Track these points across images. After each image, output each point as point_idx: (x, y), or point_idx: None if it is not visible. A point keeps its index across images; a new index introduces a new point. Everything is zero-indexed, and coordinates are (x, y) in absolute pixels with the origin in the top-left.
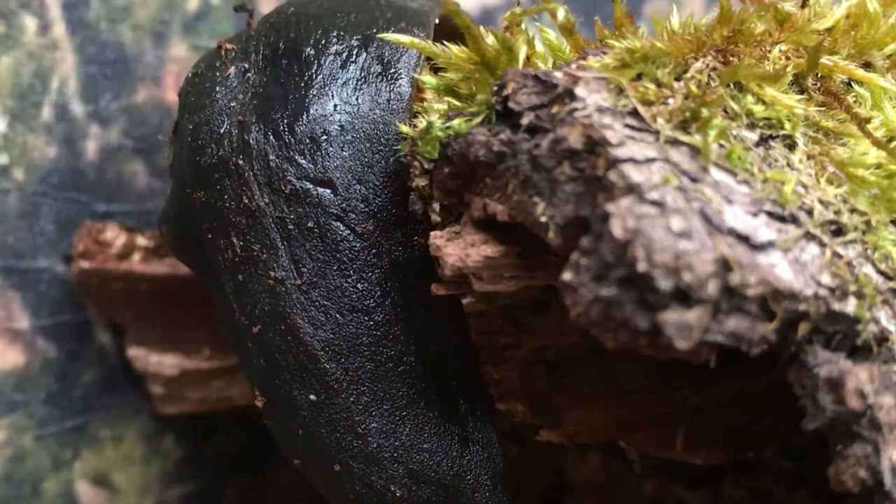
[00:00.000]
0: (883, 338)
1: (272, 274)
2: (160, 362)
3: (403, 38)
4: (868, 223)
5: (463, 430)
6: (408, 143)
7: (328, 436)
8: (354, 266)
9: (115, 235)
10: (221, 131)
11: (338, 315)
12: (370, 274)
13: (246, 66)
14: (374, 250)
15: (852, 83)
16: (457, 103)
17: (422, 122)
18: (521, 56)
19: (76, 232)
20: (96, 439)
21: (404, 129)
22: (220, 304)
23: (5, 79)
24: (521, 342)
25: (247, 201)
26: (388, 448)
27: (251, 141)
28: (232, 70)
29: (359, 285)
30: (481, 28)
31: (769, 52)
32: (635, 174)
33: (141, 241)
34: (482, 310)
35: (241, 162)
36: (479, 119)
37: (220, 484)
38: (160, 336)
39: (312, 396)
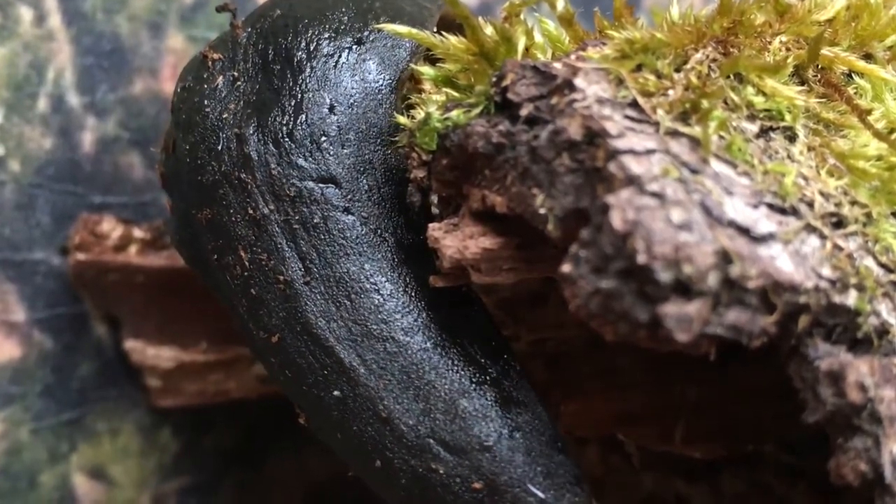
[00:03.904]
0: (884, 330)
1: (281, 278)
2: (157, 355)
3: (401, 29)
4: (869, 215)
5: (500, 391)
6: (405, 135)
7: (360, 432)
8: (361, 249)
9: (111, 227)
10: (219, 147)
11: (347, 301)
12: (377, 253)
13: (235, 74)
14: (379, 231)
15: (853, 75)
16: (455, 94)
17: (420, 114)
18: (520, 47)
19: (72, 224)
20: (93, 432)
21: (402, 119)
22: (238, 327)
23: (1, 70)
24: (520, 335)
25: (251, 212)
26: (419, 427)
27: (251, 153)
28: (220, 80)
29: (366, 266)
30: (480, 19)
31: (769, 43)
32: (635, 165)
33: (137, 233)
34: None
35: (243, 175)
36: (477, 110)
37: (218, 477)
38: (157, 329)
39: (336, 393)
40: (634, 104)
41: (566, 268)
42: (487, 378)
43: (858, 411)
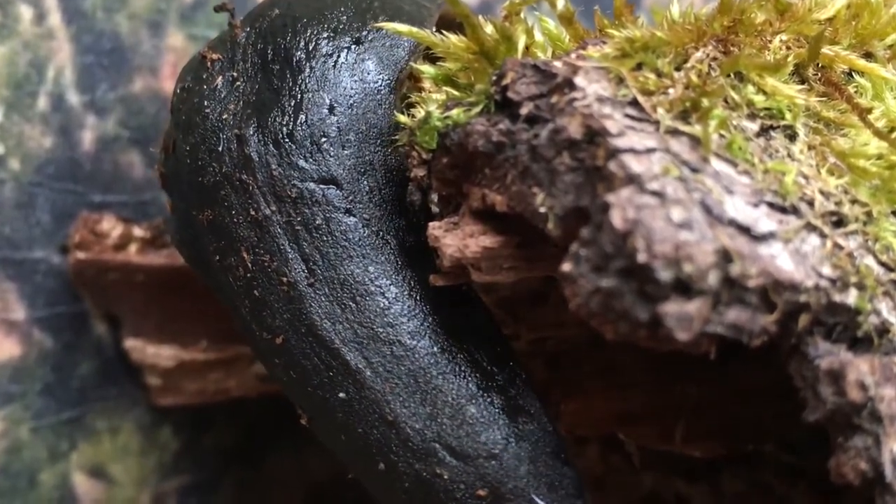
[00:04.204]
0: (884, 329)
1: (284, 279)
2: (157, 354)
3: (401, 27)
4: (869, 214)
5: (507, 399)
6: (405, 133)
7: (365, 434)
8: (364, 251)
9: (111, 226)
10: (220, 149)
11: (352, 303)
12: (381, 255)
13: (234, 74)
14: (382, 234)
15: (853, 73)
16: (455, 93)
17: (420, 112)
18: (521, 46)
19: (72, 223)
20: (93, 431)
21: (402, 118)
22: (240, 328)
23: (1, 68)
24: (520, 334)
25: (253, 213)
26: (425, 431)
27: (252, 154)
28: (219, 80)
29: (370, 268)
30: (480, 17)
31: (770, 41)
32: (635, 164)
33: (137, 231)
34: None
35: (244, 176)
36: (477, 109)
37: (218, 476)
38: (157, 327)
39: (342, 394)
40: (635, 103)
41: (566, 266)
42: (494, 385)
43: (859, 410)
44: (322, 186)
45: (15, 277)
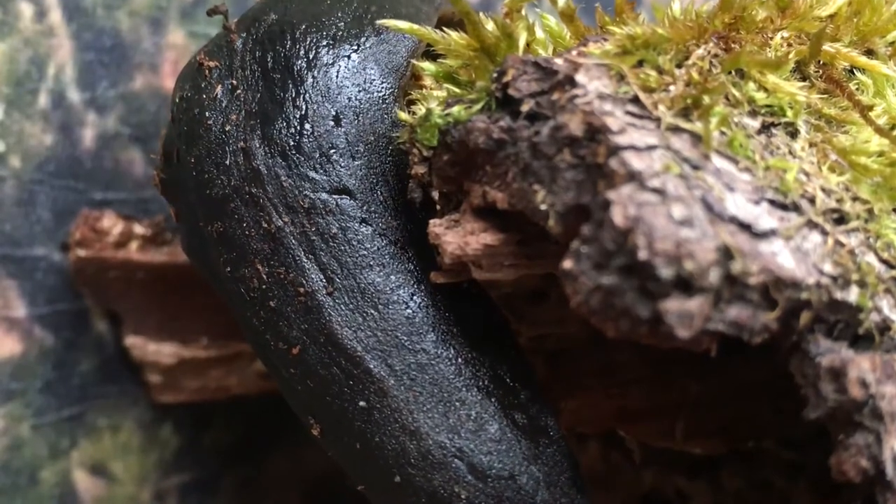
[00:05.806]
0: (885, 327)
1: (301, 290)
2: (158, 351)
3: (402, 25)
4: (870, 211)
5: (529, 419)
6: (406, 131)
7: (384, 443)
8: (384, 260)
9: (112, 224)
10: (227, 162)
11: (374, 311)
12: (401, 264)
13: (233, 82)
14: (400, 243)
15: (854, 70)
16: (456, 90)
17: (420, 109)
18: (522, 42)
19: (73, 220)
20: (94, 428)
21: (403, 116)
22: (251, 340)
23: (1, 66)
24: (521, 331)
25: (266, 225)
26: (446, 444)
27: (260, 167)
28: (219, 89)
29: (392, 277)
30: (481, 14)
31: (771, 38)
32: (636, 161)
33: (138, 229)
34: None
35: (254, 189)
36: (478, 106)
37: (218, 473)
38: (158, 325)
39: (362, 403)
40: (636, 100)
41: (567, 264)
42: (517, 402)
43: (860, 407)
44: (335, 196)
45: (16, 275)
